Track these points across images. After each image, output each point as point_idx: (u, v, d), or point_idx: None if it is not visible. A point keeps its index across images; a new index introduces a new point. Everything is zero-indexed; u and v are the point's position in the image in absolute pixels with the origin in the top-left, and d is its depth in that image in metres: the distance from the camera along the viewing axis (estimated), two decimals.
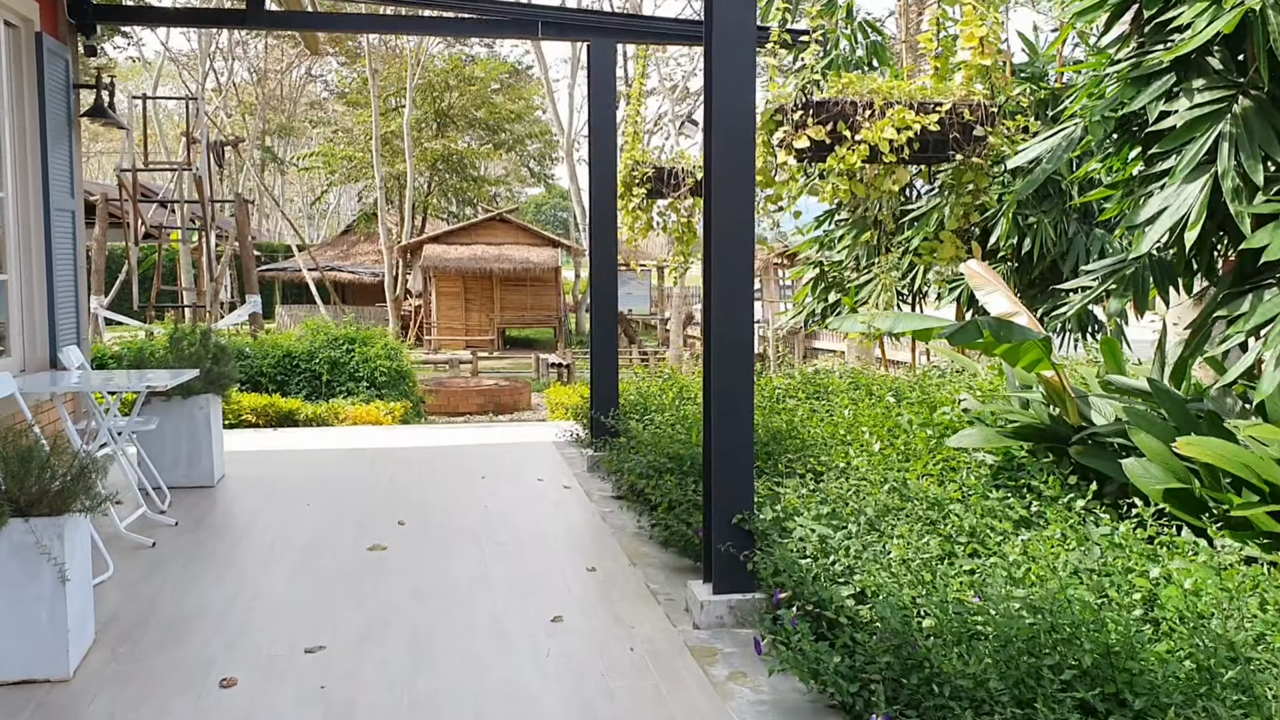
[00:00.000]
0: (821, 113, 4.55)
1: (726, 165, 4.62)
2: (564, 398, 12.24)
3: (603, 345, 7.93)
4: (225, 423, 10.03)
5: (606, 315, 7.94)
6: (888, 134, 4.38)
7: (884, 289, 10.12)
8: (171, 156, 36.81)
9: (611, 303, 7.95)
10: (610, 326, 7.95)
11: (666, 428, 6.85)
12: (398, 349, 13.58)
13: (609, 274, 7.89)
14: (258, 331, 18.36)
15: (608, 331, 7.94)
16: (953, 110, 4.57)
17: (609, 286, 7.92)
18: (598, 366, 7.94)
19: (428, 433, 9.85)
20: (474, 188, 38.13)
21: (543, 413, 18.40)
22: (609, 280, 7.91)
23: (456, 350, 29.84)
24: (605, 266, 7.88)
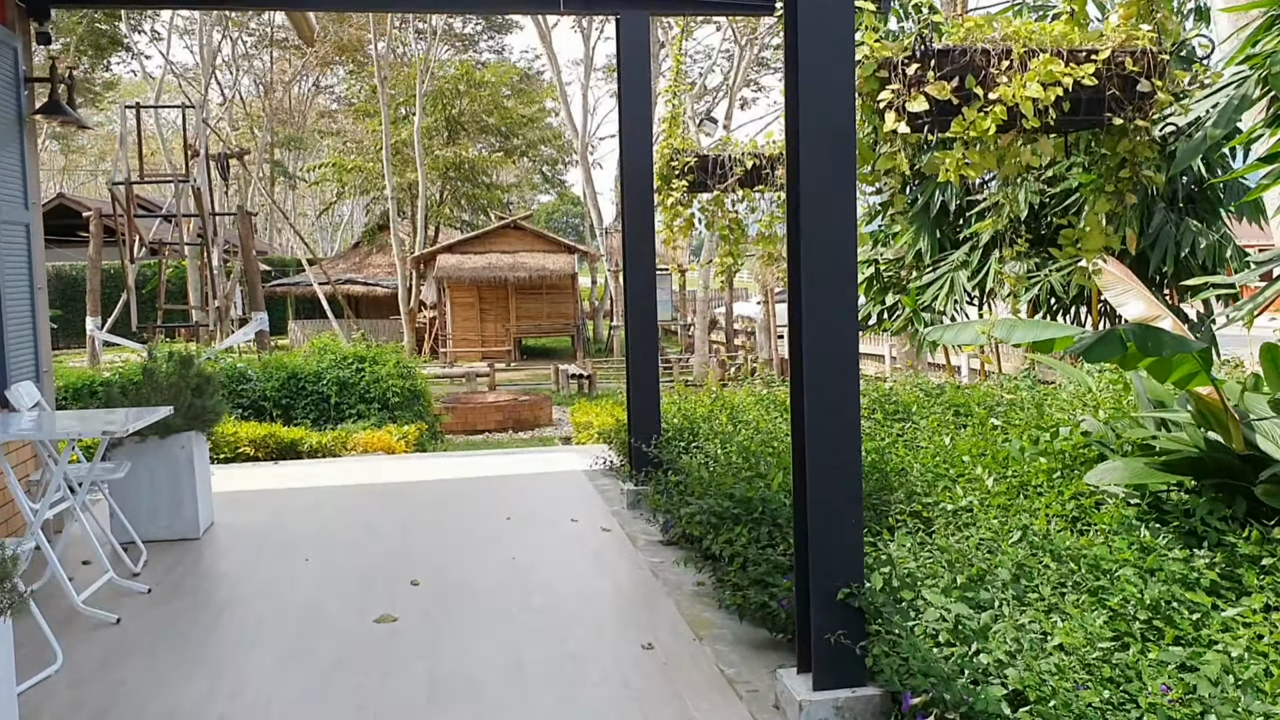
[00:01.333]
0: (945, 64, 3.53)
1: (819, 141, 3.59)
2: (591, 416, 11.21)
3: (641, 362, 6.89)
4: (221, 456, 9.06)
5: (644, 328, 6.90)
6: (1031, 90, 3.38)
7: (950, 290, 9.06)
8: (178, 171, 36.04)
9: (650, 314, 6.92)
10: (649, 341, 6.92)
11: (726, 463, 5.80)
12: (411, 367, 12.58)
13: (646, 280, 6.86)
14: (266, 350, 17.42)
15: (646, 346, 6.91)
16: (1110, 59, 3.54)
17: (646, 295, 6.88)
18: (636, 386, 6.90)
19: (444, 463, 8.84)
20: (487, 195, 37.19)
21: (565, 427, 17.38)
22: (646, 287, 6.88)
23: (473, 362, 28.88)
24: (642, 271, 6.85)
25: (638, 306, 6.86)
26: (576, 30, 32.90)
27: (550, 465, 8.48)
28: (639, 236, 6.81)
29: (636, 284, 6.83)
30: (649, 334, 6.90)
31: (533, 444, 15.41)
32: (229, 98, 36.91)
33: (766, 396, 8.02)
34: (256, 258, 38.10)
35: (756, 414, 7.25)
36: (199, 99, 35.74)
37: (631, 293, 6.86)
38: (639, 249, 6.81)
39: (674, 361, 25.45)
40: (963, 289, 9.05)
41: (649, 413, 6.83)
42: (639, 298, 6.85)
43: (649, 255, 6.82)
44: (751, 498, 5.02)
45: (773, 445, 6.12)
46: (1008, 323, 4.75)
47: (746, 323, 26.95)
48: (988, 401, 6.67)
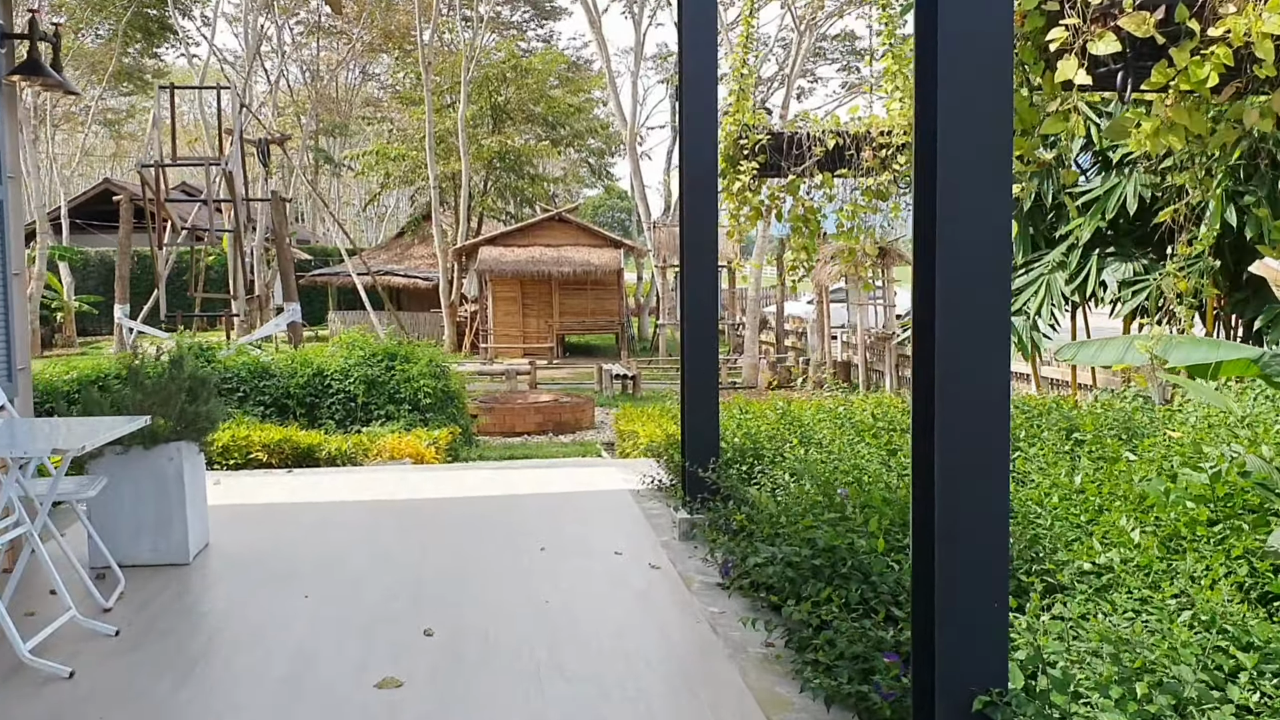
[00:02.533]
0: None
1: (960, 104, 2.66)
2: (638, 425, 10.30)
3: (698, 377, 5.97)
4: (230, 462, 8.28)
5: (703, 337, 5.98)
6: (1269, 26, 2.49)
7: (1047, 294, 8.05)
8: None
9: (710, 321, 6.00)
10: (708, 352, 6.00)
11: (799, 496, 4.87)
12: (445, 366, 11.75)
13: (706, 282, 5.94)
14: (299, 343, 16.72)
15: (704, 359, 5.98)
16: None
17: (706, 299, 5.96)
18: (692, 403, 5.98)
19: (475, 476, 7.98)
20: (531, 187, 36.41)
21: (608, 431, 16.50)
22: (706, 290, 5.96)
23: (514, 359, 28.12)
24: (701, 271, 5.93)
25: (696, 312, 5.94)
26: (627, 16, 32.03)
27: (593, 483, 7.59)
28: (699, 229, 5.89)
29: (696, 286, 5.91)
30: (707, 344, 5.98)
31: (573, 450, 14.55)
32: (274, 83, 36.46)
33: (838, 410, 7.07)
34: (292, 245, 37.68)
35: (830, 433, 6.31)
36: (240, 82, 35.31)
37: (689, 295, 5.94)
38: (699, 244, 5.89)
39: (722, 363, 24.49)
40: (1060, 293, 8.04)
41: (706, 433, 5.91)
42: (698, 302, 5.93)
43: (710, 252, 5.90)
44: (836, 546, 4.10)
45: (854, 476, 5.18)
46: (1166, 340, 3.79)
47: (797, 323, 25.93)
48: (1105, 423, 5.68)
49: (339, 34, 45.31)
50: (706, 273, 5.93)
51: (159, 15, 37.94)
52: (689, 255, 5.93)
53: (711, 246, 5.91)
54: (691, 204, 5.88)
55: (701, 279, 5.93)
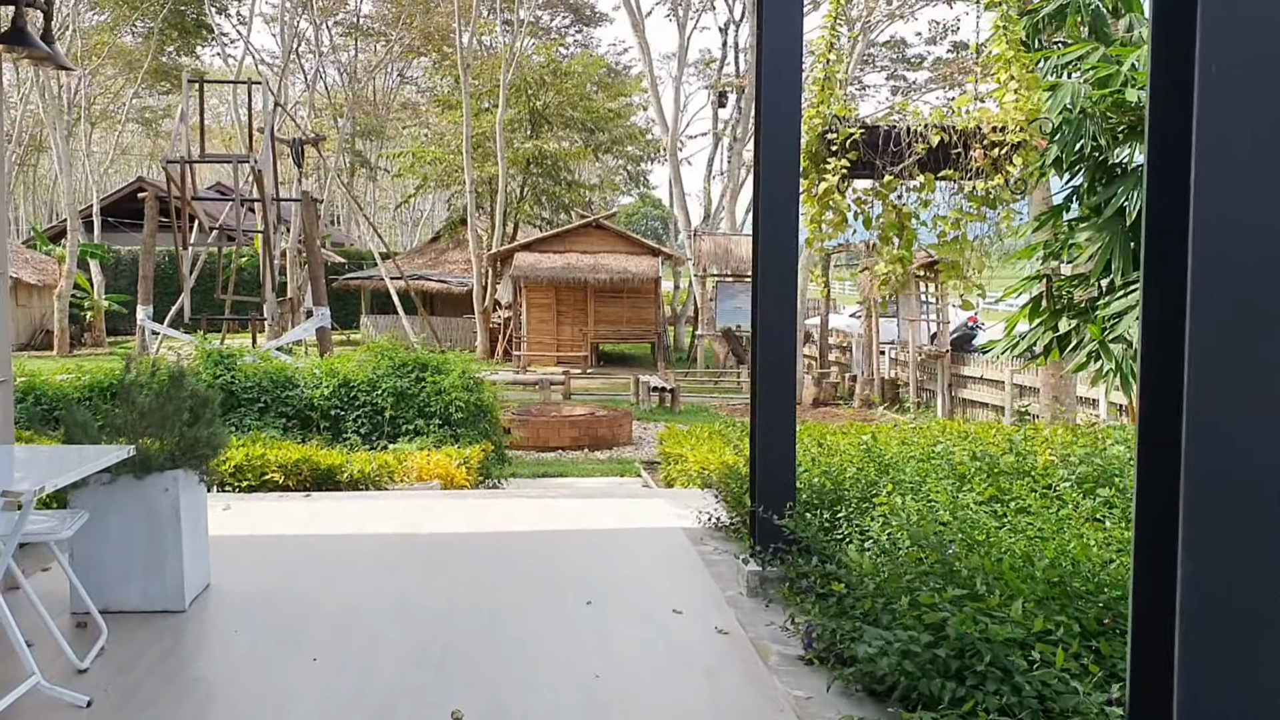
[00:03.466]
0: None
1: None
2: (684, 447, 9.50)
3: (773, 403, 5.17)
4: (244, 484, 7.55)
5: (779, 357, 5.18)
6: None
7: None
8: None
9: (787, 338, 5.20)
10: (784, 375, 5.20)
11: (909, 564, 4.04)
12: (478, 378, 11.00)
13: (784, 293, 5.14)
14: (328, 350, 16.08)
15: (781, 391, 5.18)
16: None
17: (783, 312, 5.16)
18: (765, 435, 5.18)
19: (508, 507, 7.22)
20: (568, 193, 35.73)
21: (646, 447, 15.72)
22: (783, 303, 5.15)
23: (547, 367, 27.41)
24: (779, 282, 5.13)
25: (772, 334, 5.14)
26: (671, 19, 31.28)
27: (641, 518, 6.79)
28: (777, 238, 5.09)
29: (772, 303, 5.11)
30: (784, 373, 5.18)
31: (610, 468, 13.78)
32: (311, 84, 36.05)
33: (927, 444, 6.23)
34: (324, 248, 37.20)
35: (920, 472, 5.49)
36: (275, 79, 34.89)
37: (764, 315, 5.14)
38: (777, 255, 5.09)
39: None
40: None
41: (780, 474, 5.11)
42: (775, 322, 5.13)
43: (790, 265, 5.10)
44: (968, 635, 3.28)
45: (964, 533, 4.35)
46: None
47: (841, 337, 25.02)
48: None
49: (377, 35, 44.96)
50: (785, 289, 5.13)
51: (195, 14, 37.69)
52: (765, 268, 5.13)
53: (791, 258, 5.11)
54: (769, 209, 5.09)
55: (779, 296, 5.13)
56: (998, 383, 17.95)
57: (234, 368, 10.73)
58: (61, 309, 31.06)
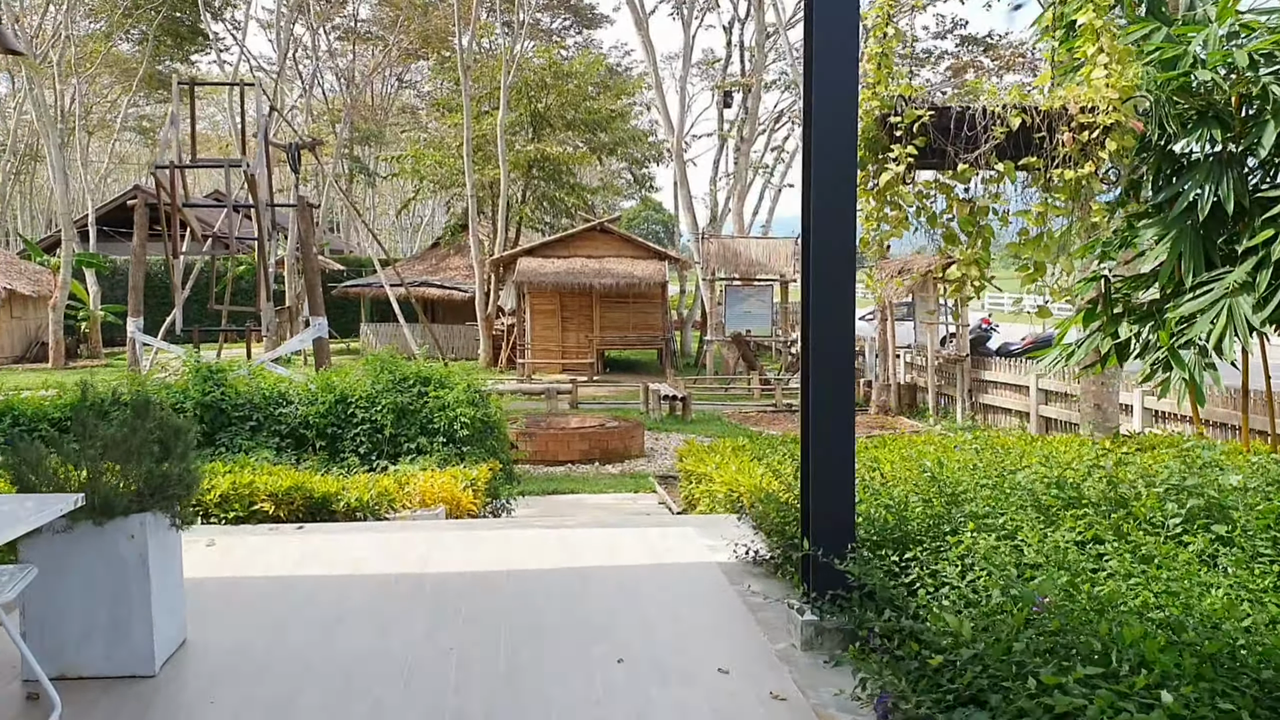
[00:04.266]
0: None
1: None
2: (707, 464, 8.83)
3: (831, 431, 4.51)
4: (231, 515, 6.89)
5: (836, 379, 4.52)
6: None
7: (1228, 320, 6.52)
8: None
9: (844, 354, 4.54)
10: (842, 397, 4.54)
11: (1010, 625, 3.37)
12: (484, 392, 10.33)
13: (839, 301, 4.48)
14: (325, 360, 15.42)
15: (837, 407, 4.51)
16: None
17: (840, 324, 4.50)
18: (821, 468, 4.51)
19: (522, 540, 6.55)
20: (571, 196, 35.08)
21: (660, 459, 15.06)
22: (840, 313, 4.49)
23: (553, 374, 26.75)
24: (834, 289, 4.47)
25: (828, 350, 4.48)
26: (675, 18, 30.62)
27: (670, 551, 6.13)
28: (832, 240, 4.43)
29: (827, 314, 4.45)
30: (842, 395, 4.51)
31: (624, 483, 13.11)
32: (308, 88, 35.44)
33: (991, 467, 5.55)
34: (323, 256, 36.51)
35: (995, 502, 4.81)
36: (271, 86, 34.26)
37: (818, 328, 4.49)
38: (831, 259, 4.43)
39: (774, 383, 22.99)
40: (1244, 320, 6.50)
41: (839, 512, 4.44)
42: (831, 335, 4.47)
43: (846, 269, 4.43)
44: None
45: (1065, 582, 3.68)
46: None
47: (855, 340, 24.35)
48: None
49: (375, 40, 44.36)
50: (841, 295, 4.47)
51: (191, 19, 37.07)
52: (817, 274, 4.47)
53: (848, 261, 4.45)
54: (822, 206, 4.43)
55: (834, 303, 4.47)
56: (1021, 387, 17.28)
57: (224, 384, 10.07)
58: (56, 320, 30.42)
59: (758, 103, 28.52)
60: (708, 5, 31.27)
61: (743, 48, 32.36)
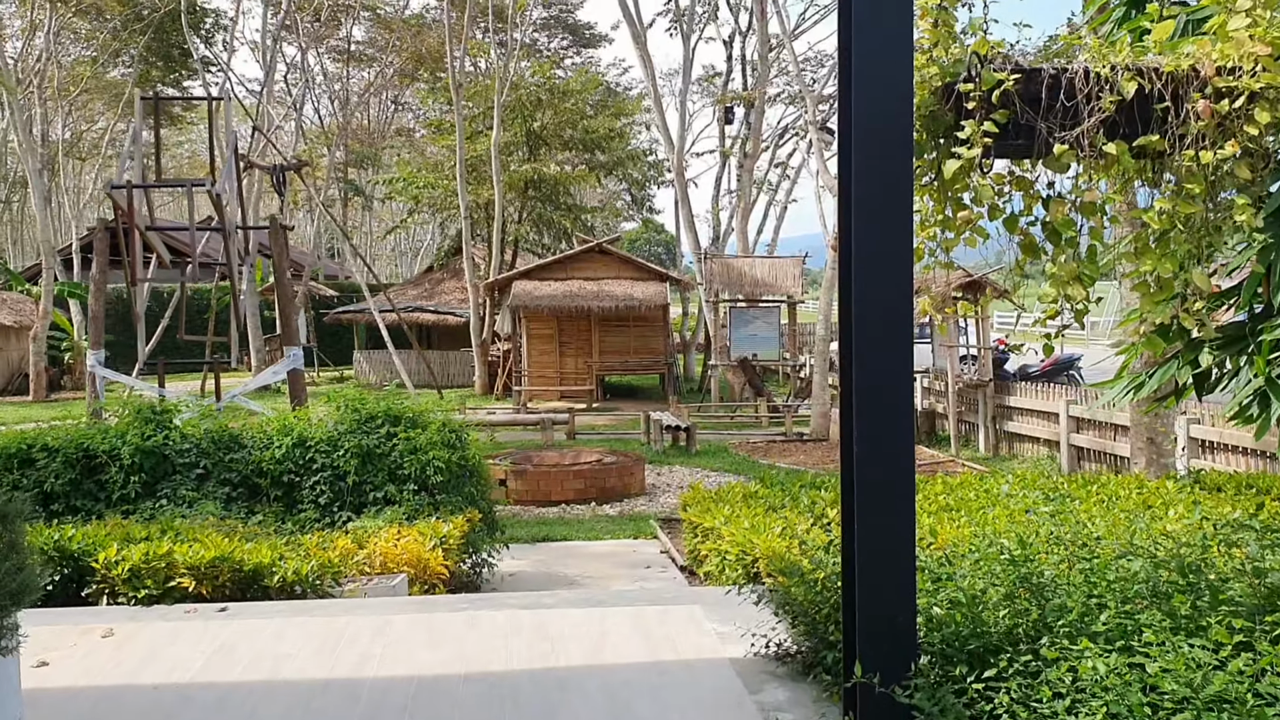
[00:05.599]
0: None
1: None
2: (715, 516, 7.65)
3: (882, 498, 3.35)
4: (144, 593, 5.72)
5: (888, 422, 3.36)
6: None
7: None
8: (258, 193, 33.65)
9: (898, 394, 3.39)
10: (898, 453, 3.38)
11: None
12: (462, 432, 9.16)
13: (890, 323, 3.33)
14: (301, 395, 14.25)
15: (892, 465, 3.36)
16: None
17: (893, 360, 3.35)
18: (870, 558, 3.35)
19: (491, 626, 5.37)
20: (568, 217, 34.00)
21: (662, 498, 13.87)
22: (893, 346, 3.35)
23: (550, 401, 25.59)
24: (885, 306, 3.32)
25: (880, 397, 3.34)
26: (674, 33, 29.61)
27: (671, 640, 4.94)
28: (880, 251, 3.30)
29: (877, 347, 3.31)
30: (897, 452, 3.36)
31: (623, 527, 11.91)
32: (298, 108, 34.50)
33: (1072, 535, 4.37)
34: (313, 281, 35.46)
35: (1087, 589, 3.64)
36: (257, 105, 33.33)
37: (864, 363, 3.34)
38: (882, 274, 3.29)
39: (784, 409, 21.81)
40: None
41: (897, 616, 3.28)
42: (882, 372, 3.33)
43: (901, 288, 3.30)
44: None
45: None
46: None
47: None
48: None
49: (369, 61, 43.49)
50: (894, 322, 3.32)
51: (180, 43, 36.17)
52: (862, 293, 3.32)
53: (902, 277, 3.31)
54: (866, 204, 3.29)
55: (887, 334, 3.32)
56: (1050, 414, 16.09)
57: (169, 426, 8.93)
58: (37, 351, 29.34)
59: (761, 118, 27.45)
60: (707, 17, 30.27)
61: (744, 61, 31.34)
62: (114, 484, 8.41)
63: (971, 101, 3.46)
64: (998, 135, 3.45)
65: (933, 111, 3.56)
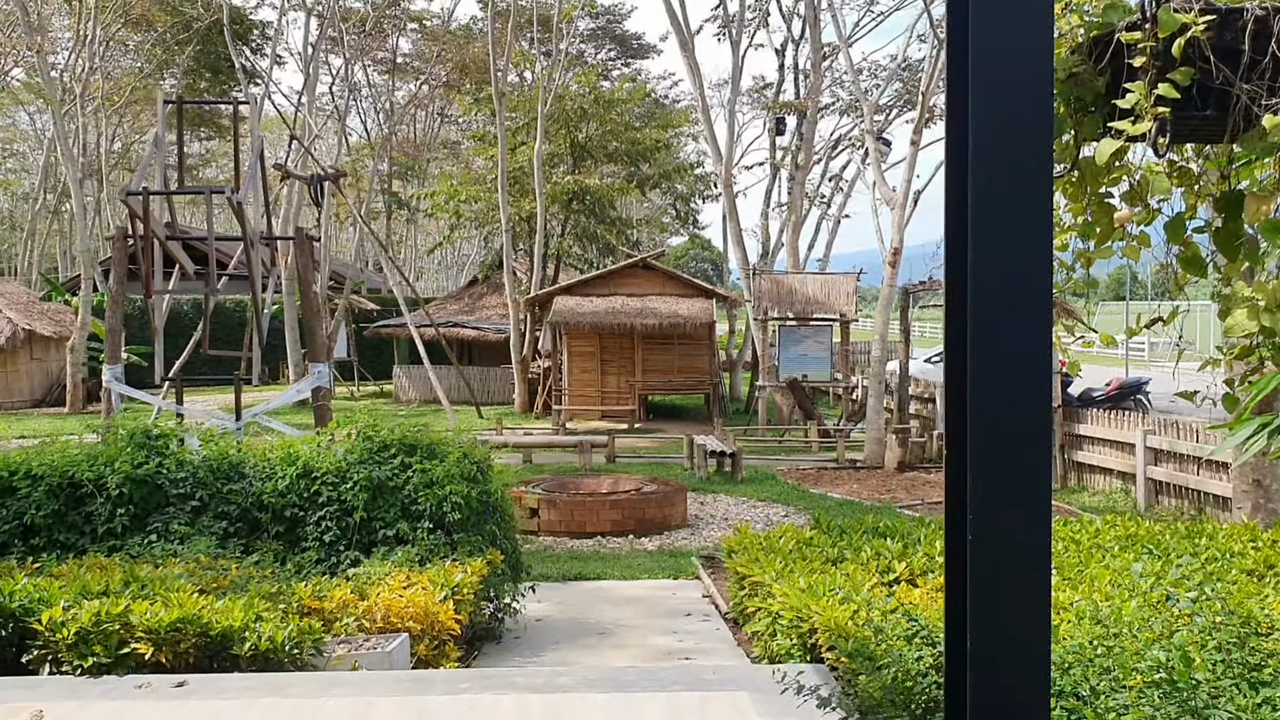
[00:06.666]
0: None
1: None
2: (764, 569, 6.68)
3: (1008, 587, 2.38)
4: (91, 661, 4.90)
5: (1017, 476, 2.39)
6: None
7: None
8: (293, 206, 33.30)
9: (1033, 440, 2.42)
10: (1033, 516, 2.40)
11: None
12: (483, 464, 8.29)
13: (1031, 350, 2.37)
14: (326, 413, 13.51)
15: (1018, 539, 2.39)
16: None
17: (1029, 387, 2.39)
18: (990, 643, 2.37)
19: (487, 712, 4.45)
20: (611, 231, 33.18)
21: (705, 532, 12.91)
22: (1028, 372, 2.38)
23: (591, 421, 24.72)
24: (1018, 327, 2.37)
25: (1005, 441, 2.38)
26: (723, 39, 28.75)
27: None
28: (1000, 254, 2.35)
29: (1006, 370, 2.36)
30: (1032, 523, 2.39)
31: (662, 564, 10.97)
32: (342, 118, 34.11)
33: (1235, 642, 3.39)
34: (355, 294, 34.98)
35: None
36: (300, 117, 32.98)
37: (981, 395, 2.39)
38: (1011, 285, 2.35)
39: (834, 432, 20.75)
40: None
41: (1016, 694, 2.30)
42: (1011, 410, 2.37)
43: (1039, 304, 2.35)
44: None
45: None
46: None
47: (920, 386, 22.04)
48: None
49: (412, 72, 43.12)
50: (1031, 350, 2.37)
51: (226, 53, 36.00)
52: (980, 308, 2.38)
53: (1040, 289, 2.36)
54: (986, 200, 2.35)
55: (1019, 363, 2.38)
56: (1125, 445, 14.91)
57: (164, 453, 8.15)
58: (74, 363, 29.08)
59: (813, 128, 26.42)
60: (756, 23, 29.33)
61: (796, 70, 30.36)
62: (100, 516, 7.64)
63: (1140, 56, 2.49)
64: (1182, 99, 2.48)
65: (1075, 74, 2.60)
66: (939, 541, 7.06)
